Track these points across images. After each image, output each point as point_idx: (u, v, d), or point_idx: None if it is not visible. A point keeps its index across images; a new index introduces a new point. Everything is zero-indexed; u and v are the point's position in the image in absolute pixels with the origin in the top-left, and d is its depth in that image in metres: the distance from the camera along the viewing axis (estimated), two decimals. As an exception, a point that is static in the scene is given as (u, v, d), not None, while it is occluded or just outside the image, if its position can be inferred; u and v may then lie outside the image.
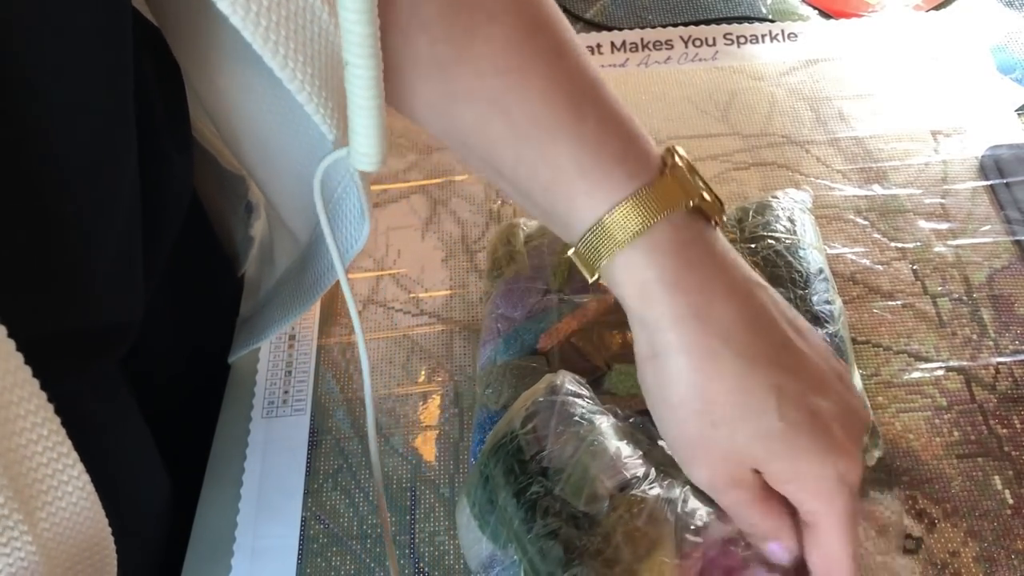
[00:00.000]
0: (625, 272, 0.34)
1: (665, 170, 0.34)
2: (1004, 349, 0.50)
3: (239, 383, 0.52)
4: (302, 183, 0.41)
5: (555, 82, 0.35)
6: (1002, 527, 0.44)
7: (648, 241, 0.33)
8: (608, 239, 0.34)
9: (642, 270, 0.33)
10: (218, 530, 0.46)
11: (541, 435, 0.37)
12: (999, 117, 0.61)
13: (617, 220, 0.33)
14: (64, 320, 0.33)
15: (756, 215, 0.51)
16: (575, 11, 0.73)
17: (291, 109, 0.34)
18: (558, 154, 0.35)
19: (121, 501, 0.31)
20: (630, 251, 0.33)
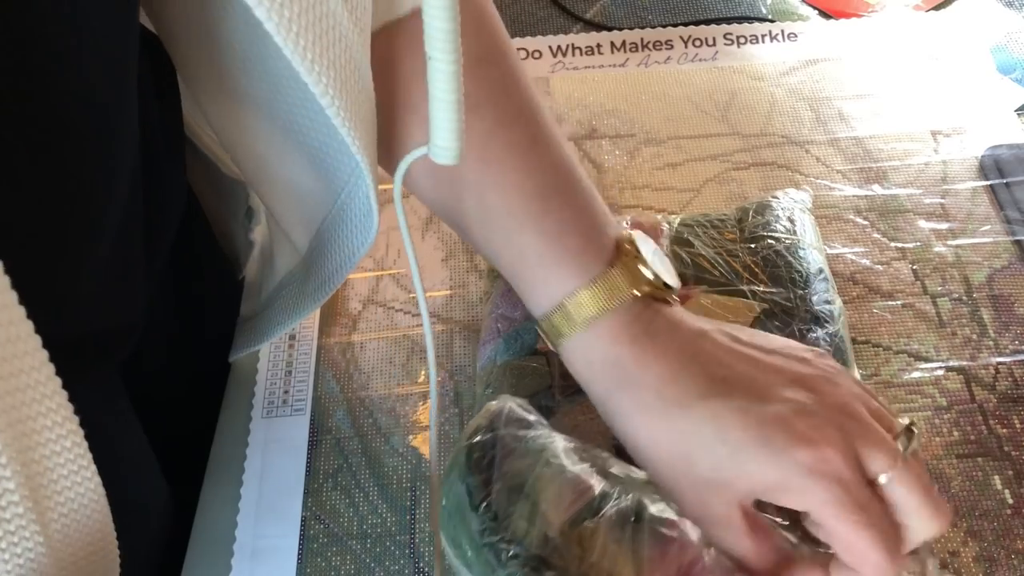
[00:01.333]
0: (575, 351, 0.38)
1: (615, 262, 0.38)
2: (1004, 349, 0.50)
3: (239, 383, 0.52)
4: (303, 195, 0.41)
5: (527, 175, 0.38)
6: (1002, 527, 0.44)
7: (598, 324, 0.37)
8: (566, 321, 0.37)
9: (589, 350, 0.37)
10: (218, 530, 0.46)
11: (486, 476, 0.37)
12: (999, 117, 0.61)
13: (573, 307, 0.37)
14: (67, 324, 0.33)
15: (756, 215, 0.51)
16: (575, 11, 0.73)
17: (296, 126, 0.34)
18: (522, 244, 0.38)
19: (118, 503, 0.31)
20: (582, 333, 0.37)
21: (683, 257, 0.50)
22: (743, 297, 0.48)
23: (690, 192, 0.59)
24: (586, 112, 0.64)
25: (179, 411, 0.50)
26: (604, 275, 0.37)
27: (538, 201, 0.38)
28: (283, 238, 0.47)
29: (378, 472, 0.48)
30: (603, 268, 0.38)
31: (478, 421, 0.39)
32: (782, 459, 0.32)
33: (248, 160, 0.41)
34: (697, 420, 0.34)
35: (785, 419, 0.33)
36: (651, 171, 0.60)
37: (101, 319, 0.36)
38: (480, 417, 0.39)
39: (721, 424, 0.34)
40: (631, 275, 0.37)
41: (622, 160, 0.61)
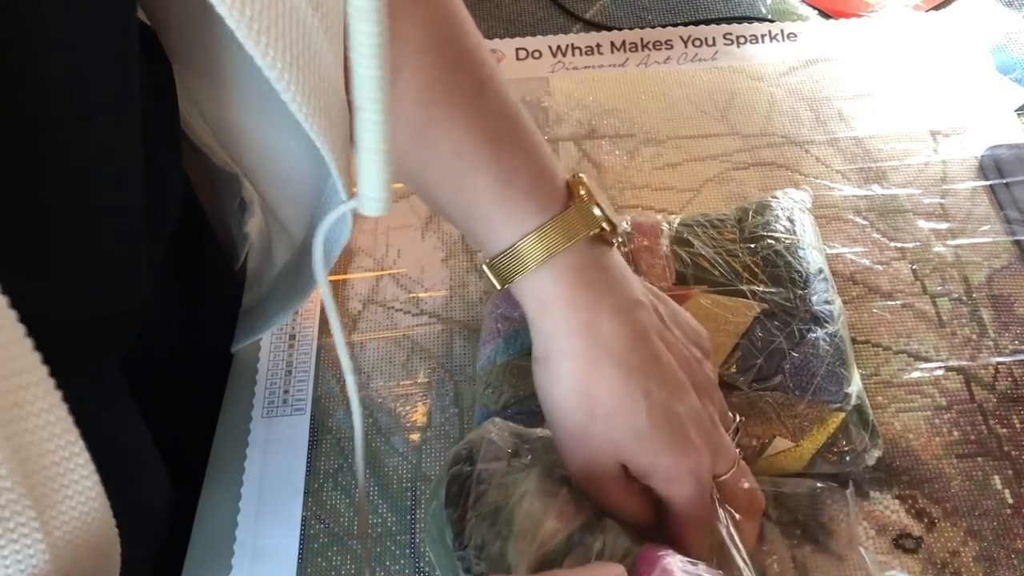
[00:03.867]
0: (530, 291, 0.39)
1: (570, 203, 0.39)
2: (1004, 349, 0.50)
3: (239, 383, 0.52)
4: (296, 183, 0.41)
5: (476, 117, 0.39)
6: (1002, 527, 0.44)
7: (551, 267, 0.38)
8: (518, 263, 0.39)
9: (544, 290, 0.39)
10: (218, 530, 0.46)
11: (462, 511, 0.38)
12: (999, 117, 0.61)
13: (526, 248, 0.38)
14: (69, 310, 0.33)
15: (756, 215, 0.52)
16: (575, 11, 0.73)
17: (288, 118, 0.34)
18: (476, 186, 0.39)
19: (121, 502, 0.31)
20: (535, 274, 0.39)
21: (683, 257, 0.50)
22: (743, 297, 0.48)
23: (690, 192, 0.59)
24: (586, 112, 0.64)
25: (181, 408, 0.50)
26: (561, 216, 0.39)
27: (489, 144, 0.39)
28: (279, 228, 0.47)
29: (378, 472, 0.48)
30: (558, 208, 0.39)
31: (458, 449, 0.40)
32: (679, 457, 0.38)
33: (241, 149, 0.42)
34: (633, 388, 0.38)
35: (687, 425, 0.38)
36: (651, 171, 0.60)
37: (106, 304, 0.36)
38: (461, 445, 0.40)
39: (650, 403, 0.38)
40: (585, 216, 0.39)
41: (622, 160, 0.61)
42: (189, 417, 0.51)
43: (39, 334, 0.25)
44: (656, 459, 0.38)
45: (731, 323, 0.47)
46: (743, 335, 0.47)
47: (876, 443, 0.45)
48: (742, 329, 0.47)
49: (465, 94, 0.39)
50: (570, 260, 0.39)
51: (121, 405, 0.42)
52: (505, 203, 0.39)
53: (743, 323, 0.47)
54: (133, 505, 0.42)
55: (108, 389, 0.40)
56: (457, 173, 0.39)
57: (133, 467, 0.43)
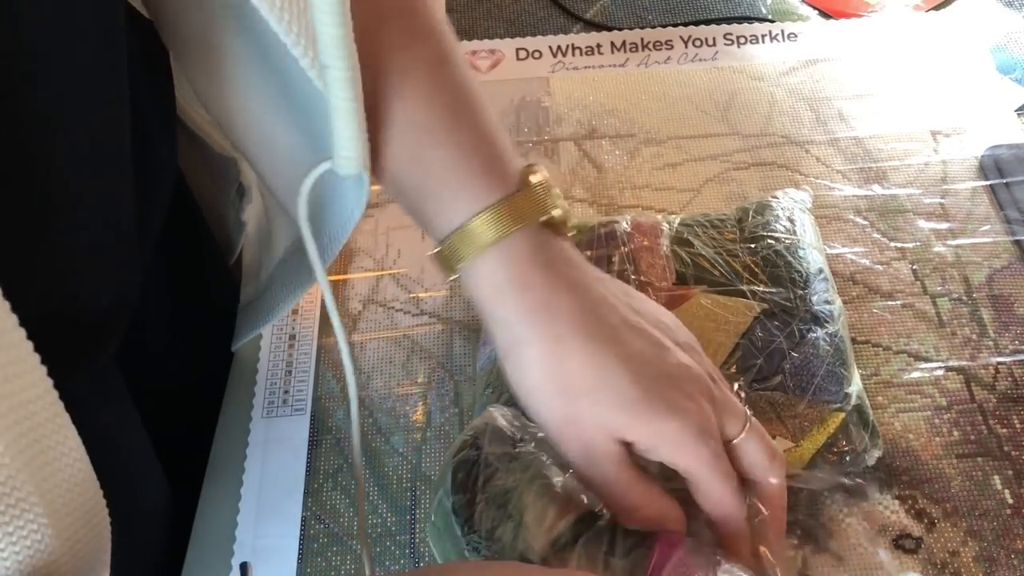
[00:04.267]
0: (481, 274, 0.37)
1: (523, 187, 0.38)
2: (1004, 349, 0.50)
3: (239, 383, 0.52)
4: (297, 166, 0.41)
5: (435, 90, 0.38)
6: (1002, 527, 0.44)
7: (503, 248, 0.37)
8: (469, 243, 0.37)
9: (496, 272, 0.37)
10: (218, 530, 0.46)
11: (470, 496, 0.37)
12: (999, 117, 0.61)
13: (478, 227, 0.37)
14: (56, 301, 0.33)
15: (756, 215, 0.52)
16: (575, 11, 0.73)
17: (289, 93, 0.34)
18: (432, 158, 0.38)
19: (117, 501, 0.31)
20: (487, 255, 0.37)
21: (683, 257, 0.50)
22: (743, 297, 0.48)
23: (690, 192, 0.59)
24: (586, 112, 0.64)
25: (179, 407, 0.50)
26: (515, 196, 0.37)
27: (447, 116, 0.38)
28: (280, 212, 0.47)
29: (378, 472, 0.48)
30: (513, 189, 0.37)
31: (463, 437, 0.39)
32: (684, 417, 0.35)
33: (241, 131, 0.41)
34: (609, 357, 0.36)
35: (679, 382, 0.36)
36: (651, 171, 0.60)
37: (96, 295, 0.36)
38: (466, 432, 0.39)
39: (632, 367, 0.36)
40: (538, 200, 0.38)
41: (622, 160, 0.61)
42: (189, 417, 0.51)
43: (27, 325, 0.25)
44: (657, 424, 0.35)
45: (731, 323, 0.47)
46: (743, 335, 0.47)
47: (876, 443, 0.45)
48: (742, 329, 0.47)
49: (425, 65, 0.38)
50: (521, 242, 0.37)
51: (117, 404, 0.42)
52: (458, 179, 0.37)
53: (743, 323, 0.47)
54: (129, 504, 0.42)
55: (105, 387, 0.40)
56: (413, 145, 0.38)
57: (129, 466, 0.43)
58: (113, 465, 0.37)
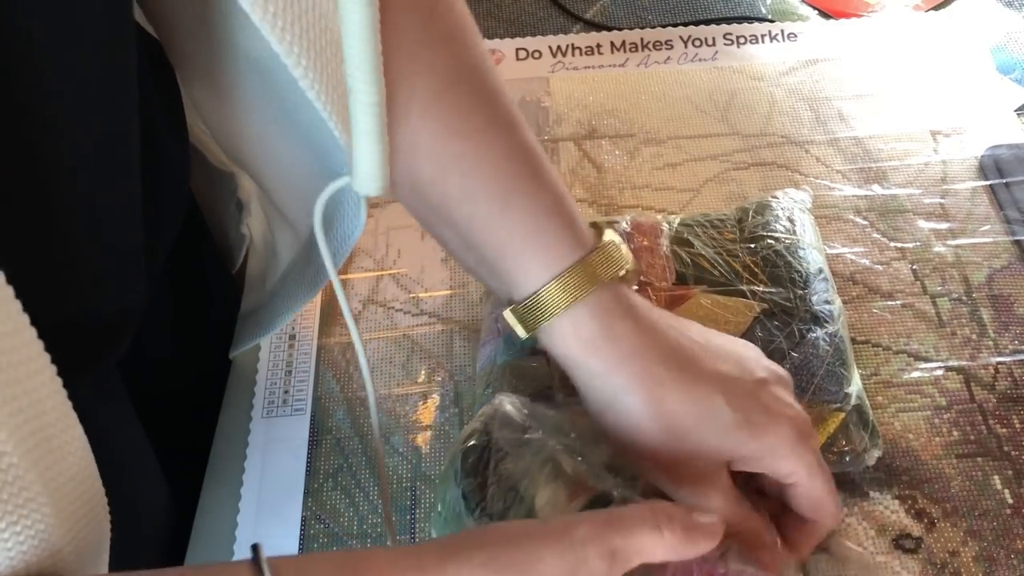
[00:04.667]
0: (567, 331, 0.38)
1: (598, 246, 0.39)
2: (1003, 349, 0.50)
3: (239, 383, 0.52)
4: (301, 177, 0.41)
5: (513, 150, 0.39)
6: (1002, 527, 0.44)
7: (588, 304, 0.37)
8: (555, 301, 0.37)
9: (583, 327, 0.37)
10: (218, 530, 0.46)
11: (481, 480, 0.38)
12: (999, 117, 0.61)
13: (565, 284, 0.37)
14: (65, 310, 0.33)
15: (756, 215, 0.52)
16: (575, 11, 0.73)
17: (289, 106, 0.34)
18: (513, 217, 0.38)
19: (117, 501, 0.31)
20: (572, 311, 0.37)
21: (683, 257, 0.50)
22: (743, 297, 0.48)
23: (690, 192, 0.59)
24: (586, 112, 0.64)
25: (180, 410, 0.50)
26: (595, 254, 0.38)
27: (528, 177, 0.38)
28: (284, 225, 0.47)
29: (378, 472, 0.48)
30: (591, 247, 0.38)
31: (473, 425, 0.39)
32: (782, 426, 0.37)
33: (244, 149, 0.41)
34: (704, 386, 0.37)
35: (771, 390, 0.38)
36: (651, 171, 0.60)
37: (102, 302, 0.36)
38: (475, 420, 0.39)
39: (726, 390, 0.37)
40: (615, 256, 0.39)
41: (622, 160, 0.61)
42: (189, 418, 0.51)
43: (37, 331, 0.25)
44: (761, 440, 0.37)
45: (731, 323, 0.47)
46: (743, 335, 0.47)
47: (876, 443, 0.45)
48: (742, 329, 0.47)
49: (501, 126, 0.39)
50: (604, 297, 0.38)
51: (117, 406, 0.42)
52: (543, 236, 0.38)
53: (743, 323, 0.47)
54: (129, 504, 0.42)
55: (105, 390, 0.40)
56: (495, 204, 0.38)
57: (126, 465, 0.43)
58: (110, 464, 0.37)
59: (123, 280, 0.37)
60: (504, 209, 0.38)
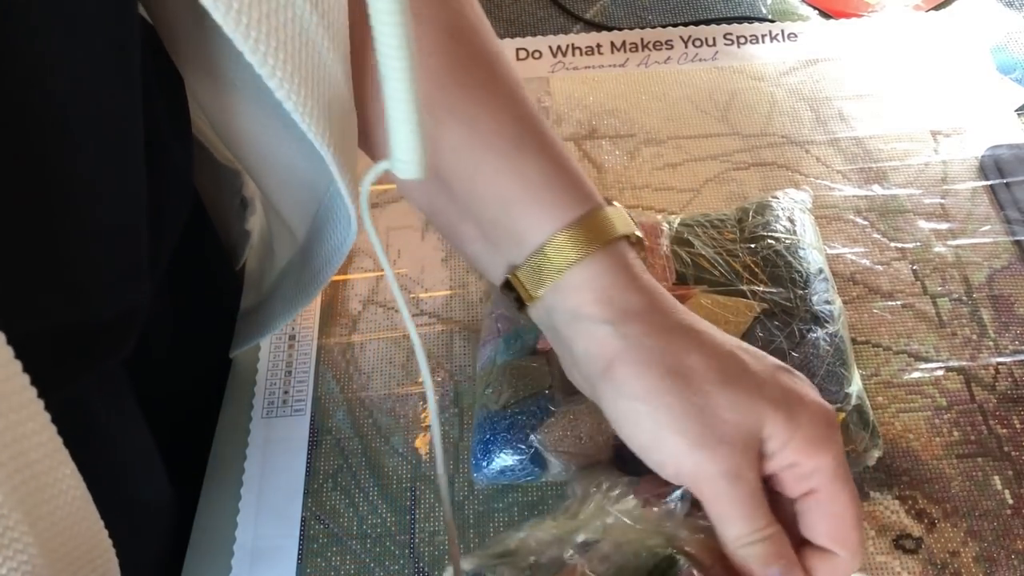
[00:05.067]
0: (582, 281, 0.35)
1: (609, 200, 0.37)
2: (1004, 349, 0.50)
3: (239, 383, 0.52)
4: (299, 182, 0.41)
5: (517, 104, 0.37)
6: (1002, 527, 0.44)
7: (605, 255, 0.35)
8: (571, 249, 0.35)
9: (602, 276, 0.35)
10: (218, 530, 0.46)
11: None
12: (999, 117, 0.61)
13: (582, 231, 0.35)
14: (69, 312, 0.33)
15: (756, 215, 0.51)
16: (575, 11, 0.73)
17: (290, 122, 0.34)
18: (524, 164, 0.36)
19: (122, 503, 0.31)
20: (588, 261, 0.35)
21: (683, 257, 0.50)
22: (743, 297, 0.48)
23: (690, 192, 0.59)
24: (586, 112, 0.64)
25: (181, 408, 0.50)
26: (609, 207, 0.36)
27: (534, 129, 0.37)
28: (281, 226, 0.47)
29: (378, 472, 0.48)
30: (600, 203, 0.37)
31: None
32: (816, 402, 0.33)
33: (243, 149, 0.41)
34: (728, 347, 0.34)
35: (796, 377, 0.35)
36: (651, 171, 0.60)
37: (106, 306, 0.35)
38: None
39: (751, 356, 0.34)
40: (626, 218, 0.37)
41: (622, 160, 0.61)
42: (189, 418, 0.51)
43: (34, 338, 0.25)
44: (790, 411, 0.32)
45: (731, 323, 0.47)
46: (743, 335, 0.47)
47: (876, 443, 0.44)
48: (742, 329, 0.47)
49: (503, 81, 0.37)
50: (619, 251, 0.36)
51: (124, 408, 0.42)
52: (557, 185, 0.36)
53: (743, 323, 0.47)
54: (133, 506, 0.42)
55: (111, 391, 0.40)
56: (502, 153, 0.36)
57: (133, 468, 0.43)
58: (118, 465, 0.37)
59: (126, 281, 0.37)
60: (512, 160, 0.36)
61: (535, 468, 0.44)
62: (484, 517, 0.46)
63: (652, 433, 0.33)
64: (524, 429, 0.44)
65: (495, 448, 0.45)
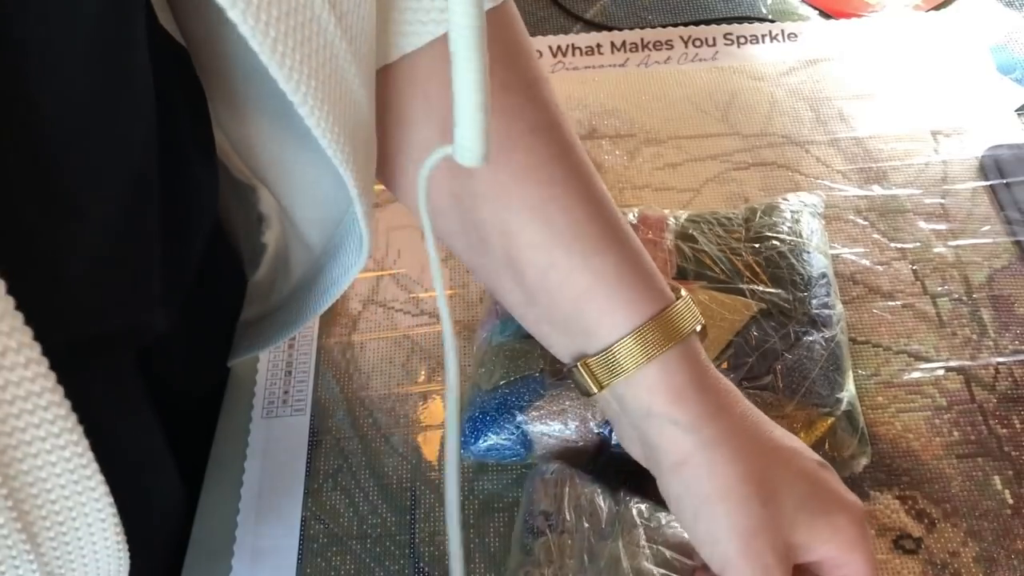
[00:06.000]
0: (655, 380, 0.36)
1: (679, 295, 0.38)
2: (1004, 349, 0.50)
3: (239, 383, 0.52)
4: (319, 201, 0.41)
5: (594, 200, 0.38)
6: (1002, 527, 0.44)
7: (678, 352, 0.36)
8: (644, 348, 0.36)
9: (676, 375, 0.36)
10: (218, 530, 0.46)
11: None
12: (999, 117, 0.61)
13: (657, 330, 0.36)
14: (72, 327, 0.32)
15: (764, 216, 0.52)
16: (575, 11, 0.73)
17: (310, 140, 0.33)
18: (602, 263, 0.37)
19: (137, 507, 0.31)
20: (663, 359, 0.36)
21: (685, 252, 0.50)
22: (742, 295, 0.48)
23: (690, 192, 0.59)
24: (586, 112, 0.64)
25: (183, 410, 0.50)
26: (678, 305, 0.37)
27: (610, 225, 0.38)
28: (298, 241, 0.46)
29: (378, 472, 0.48)
30: (671, 299, 0.38)
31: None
32: (853, 506, 0.36)
33: (263, 166, 0.41)
34: (783, 454, 0.36)
35: (836, 479, 0.37)
36: (651, 171, 0.60)
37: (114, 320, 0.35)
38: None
39: (803, 462, 0.36)
40: (692, 310, 0.38)
41: (622, 160, 0.61)
42: (190, 418, 0.51)
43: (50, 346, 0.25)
44: (832, 518, 0.35)
45: (727, 320, 0.47)
46: (738, 333, 0.47)
47: (864, 450, 0.44)
48: (737, 327, 0.47)
49: (580, 175, 0.38)
50: (689, 347, 0.37)
51: (138, 411, 0.41)
52: (632, 283, 0.37)
53: (739, 320, 0.47)
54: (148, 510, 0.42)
55: (123, 395, 0.40)
56: (577, 253, 0.37)
57: (147, 471, 0.43)
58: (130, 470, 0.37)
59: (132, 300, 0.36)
60: (587, 258, 0.37)
61: (521, 449, 0.45)
62: (484, 517, 0.46)
63: (709, 533, 0.35)
64: (513, 410, 0.45)
65: (483, 427, 0.46)
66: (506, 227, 0.38)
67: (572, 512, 0.41)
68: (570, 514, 0.41)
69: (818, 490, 0.35)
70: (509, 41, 0.38)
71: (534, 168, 0.37)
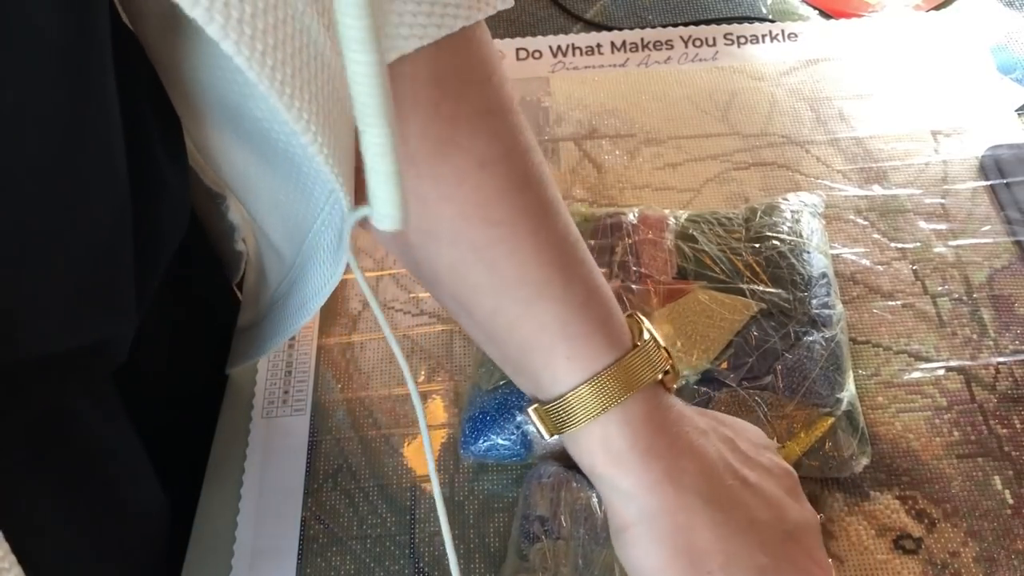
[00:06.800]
0: (595, 439, 0.35)
1: (638, 344, 0.36)
2: (1004, 349, 0.50)
3: (239, 383, 0.52)
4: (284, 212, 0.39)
5: (544, 242, 0.36)
6: (1002, 527, 0.44)
7: (622, 412, 0.35)
8: (584, 407, 0.35)
9: (614, 438, 0.35)
10: (218, 531, 0.46)
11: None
12: (999, 117, 0.61)
13: (597, 389, 0.34)
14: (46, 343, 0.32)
15: (764, 215, 0.52)
16: (575, 11, 0.73)
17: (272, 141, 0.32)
18: (544, 312, 0.35)
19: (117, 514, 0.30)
20: (604, 420, 0.35)
21: (685, 252, 0.50)
22: (742, 295, 0.48)
23: (690, 192, 0.59)
24: (586, 112, 0.64)
25: (176, 418, 0.50)
26: (632, 356, 0.35)
27: (558, 270, 0.36)
28: (270, 250, 0.46)
29: (378, 472, 0.48)
30: (628, 347, 0.36)
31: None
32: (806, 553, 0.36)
33: (231, 178, 0.40)
34: (739, 525, 0.35)
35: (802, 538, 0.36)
36: (651, 171, 0.60)
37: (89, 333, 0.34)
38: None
39: (761, 532, 0.35)
40: (653, 358, 0.36)
41: (622, 160, 0.61)
42: (187, 423, 0.51)
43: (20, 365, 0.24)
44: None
45: (727, 320, 0.47)
46: (738, 333, 0.47)
47: (864, 450, 0.44)
48: (737, 327, 0.47)
49: (532, 215, 0.36)
50: (638, 405, 0.35)
51: (114, 420, 0.41)
52: (574, 336, 0.35)
53: (739, 320, 0.47)
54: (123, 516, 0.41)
55: (100, 404, 0.39)
56: (521, 300, 0.36)
57: (123, 479, 0.42)
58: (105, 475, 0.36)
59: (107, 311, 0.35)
60: (530, 306, 0.35)
61: (521, 449, 0.45)
62: (484, 517, 0.46)
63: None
64: (513, 410, 0.45)
65: (483, 427, 0.46)
66: (454, 266, 0.36)
67: (568, 518, 0.41)
68: (566, 520, 0.41)
69: (779, 564, 0.34)
70: (464, 68, 0.35)
71: (481, 205, 0.35)
